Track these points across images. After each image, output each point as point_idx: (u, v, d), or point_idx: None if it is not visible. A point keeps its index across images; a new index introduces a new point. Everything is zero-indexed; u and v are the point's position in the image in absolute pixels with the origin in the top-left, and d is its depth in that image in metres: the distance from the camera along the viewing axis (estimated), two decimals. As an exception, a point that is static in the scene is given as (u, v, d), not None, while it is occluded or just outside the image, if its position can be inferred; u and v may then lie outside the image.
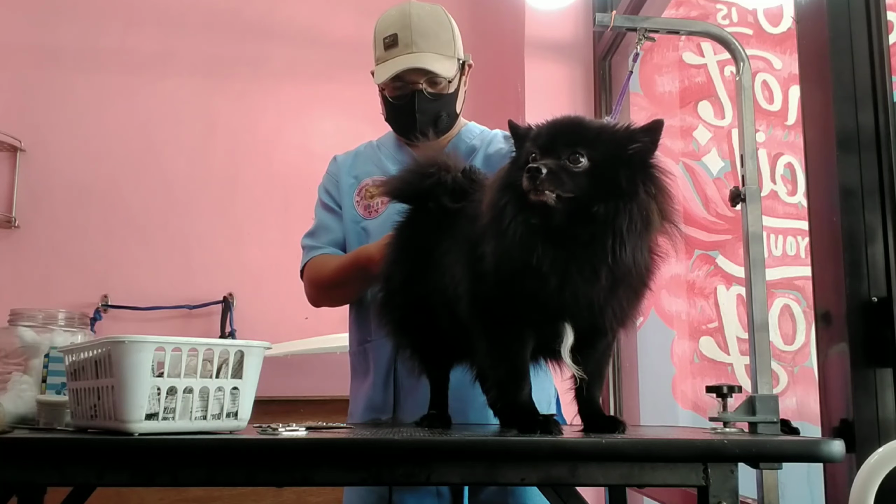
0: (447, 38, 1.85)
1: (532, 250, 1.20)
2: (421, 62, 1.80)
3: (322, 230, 1.95)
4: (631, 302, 1.27)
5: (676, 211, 1.28)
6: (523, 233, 1.21)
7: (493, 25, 3.76)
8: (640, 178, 1.22)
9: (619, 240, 1.19)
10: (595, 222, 1.19)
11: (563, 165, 1.21)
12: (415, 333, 1.58)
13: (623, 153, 1.23)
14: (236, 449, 1.11)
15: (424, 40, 1.81)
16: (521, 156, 1.30)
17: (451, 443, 1.17)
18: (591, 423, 1.33)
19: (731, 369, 2.94)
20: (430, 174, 1.52)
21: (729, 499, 1.12)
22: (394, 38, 1.82)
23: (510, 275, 1.23)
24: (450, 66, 1.84)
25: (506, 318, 1.28)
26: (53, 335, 1.54)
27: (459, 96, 1.91)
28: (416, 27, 1.82)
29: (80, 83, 3.67)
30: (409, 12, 1.84)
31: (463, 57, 1.89)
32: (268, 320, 3.48)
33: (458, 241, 1.39)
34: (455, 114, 1.92)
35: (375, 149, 2.01)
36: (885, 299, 1.41)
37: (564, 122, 1.29)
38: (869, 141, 1.46)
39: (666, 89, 3.11)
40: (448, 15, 1.89)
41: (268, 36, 3.79)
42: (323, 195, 2.00)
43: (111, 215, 3.61)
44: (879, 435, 1.37)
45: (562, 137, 1.25)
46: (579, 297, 1.21)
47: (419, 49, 1.81)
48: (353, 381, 1.95)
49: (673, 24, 2.02)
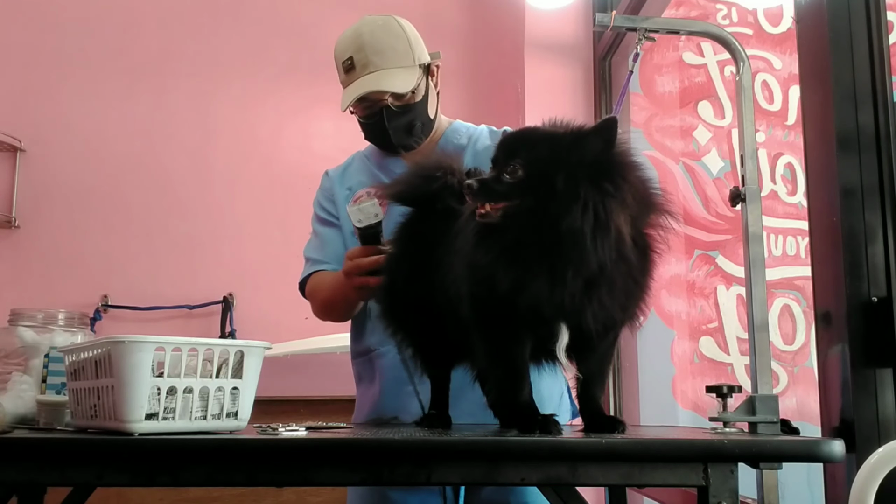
0: (403, 49, 1.84)
1: (485, 259, 1.24)
2: (377, 84, 1.80)
3: (323, 243, 1.96)
4: (617, 301, 1.24)
5: (658, 203, 1.27)
6: (476, 243, 1.27)
7: (493, 25, 3.76)
8: (588, 178, 1.20)
9: (572, 241, 1.17)
10: (542, 228, 1.20)
11: (499, 177, 1.24)
12: (416, 333, 1.58)
13: (566, 156, 1.22)
14: (236, 449, 1.11)
15: (380, 57, 1.81)
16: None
17: (451, 443, 1.17)
18: (592, 423, 1.33)
19: (731, 369, 2.94)
20: (437, 177, 1.52)
21: (729, 499, 1.12)
22: (351, 62, 1.82)
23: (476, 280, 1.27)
24: (409, 78, 1.82)
25: (501, 318, 1.28)
26: (53, 335, 1.54)
27: (430, 100, 1.90)
28: (370, 46, 1.81)
29: (80, 83, 3.67)
30: (360, 32, 1.84)
31: (427, 60, 1.88)
32: (268, 320, 3.48)
33: (459, 243, 1.39)
34: (430, 119, 1.91)
35: (364, 159, 2.02)
36: (885, 299, 1.41)
37: (511, 135, 1.32)
38: (869, 141, 1.46)
39: (666, 89, 3.12)
40: (402, 24, 1.88)
41: (268, 36, 3.79)
42: (318, 210, 2.01)
43: (111, 215, 3.61)
44: (879, 435, 1.37)
45: (503, 150, 1.28)
46: (542, 303, 1.20)
47: (376, 67, 1.80)
48: (359, 387, 1.95)
49: (673, 24, 2.01)
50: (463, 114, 1.99)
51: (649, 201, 1.27)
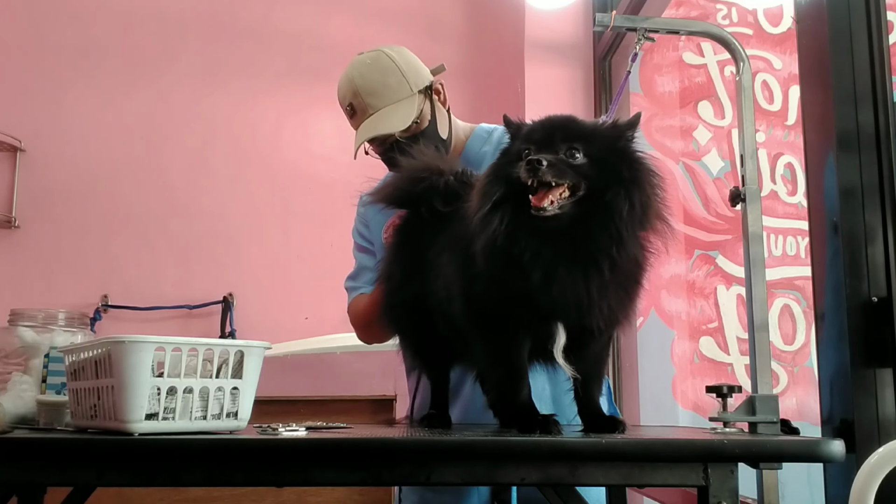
0: (397, 82, 1.82)
1: (518, 242, 1.21)
2: (376, 128, 1.80)
3: (361, 271, 1.96)
4: (622, 301, 1.27)
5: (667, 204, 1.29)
6: (509, 222, 1.22)
7: (493, 25, 3.76)
8: (642, 171, 1.25)
9: (617, 231, 1.20)
10: (596, 216, 1.20)
11: (561, 159, 1.23)
12: (414, 333, 1.58)
13: (615, 147, 1.26)
14: (236, 449, 1.11)
15: (375, 98, 1.81)
16: (513, 150, 1.31)
17: (451, 443, 1.17)
18: (591, 423, 1.33)
19: (731, 369, 2.94)
20: (422, 178, 1.52)
21: (729, 499, 1.12)
22: (351, 108, 1.84)
23: (498, 269, 1.24)
24: (408, 111, 1.81)
25: (499, 318, 1.28)
26: (53, 335, 1.54)
27: (440, 121, 1.88)
28: (363, 89, 1.81)
29: (81, 84, 3.67)
30: (352, 77, 1.83)
31: (425, 82, 1.85)
32: (268, 320, 3.48)
33: (451, 243, 1.39)
34: (442, 140, 1.89)
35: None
36: (885, 299, 1.41)
37: (559, 119, 1.31)
38: (869, 141, 1.46)
39: (666, 89, 3.12)
40: (391, 54, 1.85)
41: (268, 36, 3.79)
42: (356, 237, 2.00)
43: (111, 215, 3.60)
44: (879, 435, 1.36)
45: (559, 133, 1.26)
46: (567, 295, 1.21)
47: (374, 109, 1.81)
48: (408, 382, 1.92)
49: (673, 24, 2.02)
50: (463, 114, 1.98)
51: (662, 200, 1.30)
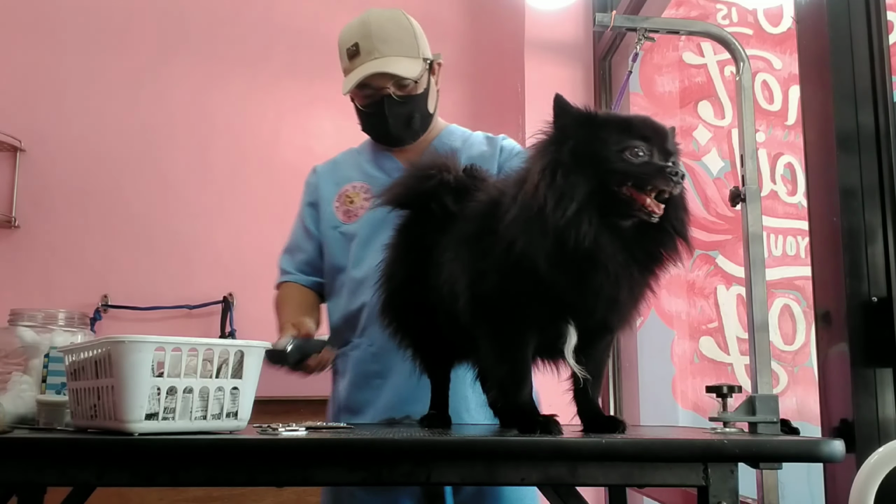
0: (410, 41, 1.85)
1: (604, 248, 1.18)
2: (384, 66, 1.81)
3: (296, 250, 2.01)
4: (637, 301, 1.30)
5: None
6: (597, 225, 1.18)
7: (493, 25, 3.76)
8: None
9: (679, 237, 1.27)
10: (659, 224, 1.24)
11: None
12: (416, 333, 1.58)
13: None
14: (236, 449, 1.11)
15: (386, 45, 1.82)
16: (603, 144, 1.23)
17: (451, 443, 1.17)
18: (591, 423, 1.33)
19: (731, 369, 2.94)
20: (432, 175, 1.51)
21: (729, 499, 1.12)
22: (356, 48, 1.83)
23: (559, 271, 1.19)
24: (414, 67, 1.83)
25: (511, 315, 1.27)
26: (53, 335, 1.54)
27: (431, 96, 1.91)
28: (377, 34, 1.82)
29: (80, 83, 3.67)
30: (368, 21, 1.85)
31: (430, 56, 1.89)
32: (268, 320, 3.45)
33: (458, 240, 1.39)
34: (428, 114, 1.91)
35: (356, 154, 2.02)
36: (885, 299, 1.41)
37: (656, 122, 1.31)
38: (869, 141, 1.46)
39: (666, 89, 3.12)
40: (409, 18, 1.89)
41: (268, 35, 3.79)
42: (302, 210, 2.03)
43: (111, 215, 3.61)
44: (879, 435, 1.37)
45: (669, 138, 1.29)
46: (611, 297, 1.22)
47: (381, 54, 1.81)
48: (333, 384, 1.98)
49: (673, 24, 2.02)
50: (463, 114, 2.00)
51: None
